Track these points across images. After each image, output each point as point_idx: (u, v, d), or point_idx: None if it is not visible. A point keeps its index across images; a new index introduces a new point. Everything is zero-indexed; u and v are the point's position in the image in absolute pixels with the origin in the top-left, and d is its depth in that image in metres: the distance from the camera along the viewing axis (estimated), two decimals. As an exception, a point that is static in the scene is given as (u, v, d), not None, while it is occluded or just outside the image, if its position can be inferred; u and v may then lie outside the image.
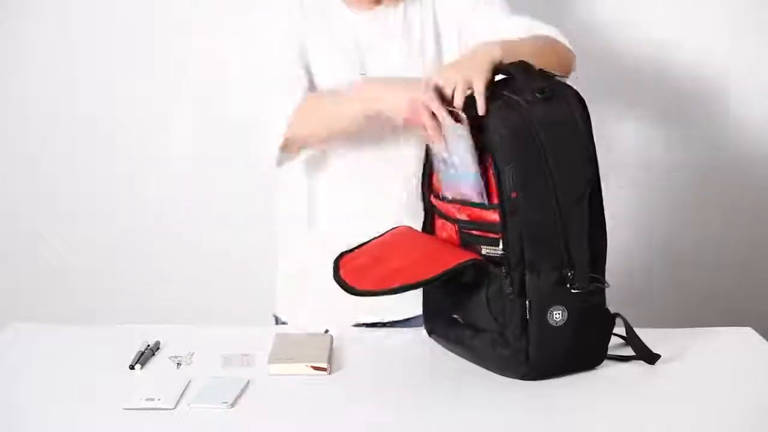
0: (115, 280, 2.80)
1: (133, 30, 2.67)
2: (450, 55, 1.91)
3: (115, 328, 1.88)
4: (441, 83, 1.65)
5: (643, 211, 2.69)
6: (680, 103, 2.66)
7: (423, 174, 1.77)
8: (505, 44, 1.73)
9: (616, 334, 1.70)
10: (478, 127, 1.61)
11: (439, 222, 1.76)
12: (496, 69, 1.69)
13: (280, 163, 1.87)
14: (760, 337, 1.81)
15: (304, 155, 1.90)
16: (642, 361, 1.69)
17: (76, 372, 1.69)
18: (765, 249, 2.78)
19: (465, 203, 1.66)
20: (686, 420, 1.52)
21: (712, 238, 2.75)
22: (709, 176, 2.71)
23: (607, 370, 1.67)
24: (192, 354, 1.74)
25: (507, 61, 1.69)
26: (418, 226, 1.80)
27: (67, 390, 1.62)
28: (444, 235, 1.74)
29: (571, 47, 1.88)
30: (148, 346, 1.75)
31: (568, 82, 1.73)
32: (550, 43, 1.85)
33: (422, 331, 1.85)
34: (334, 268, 1.69)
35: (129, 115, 2.72)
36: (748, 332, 1.83)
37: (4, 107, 2.73)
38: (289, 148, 1.85)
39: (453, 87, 1.64)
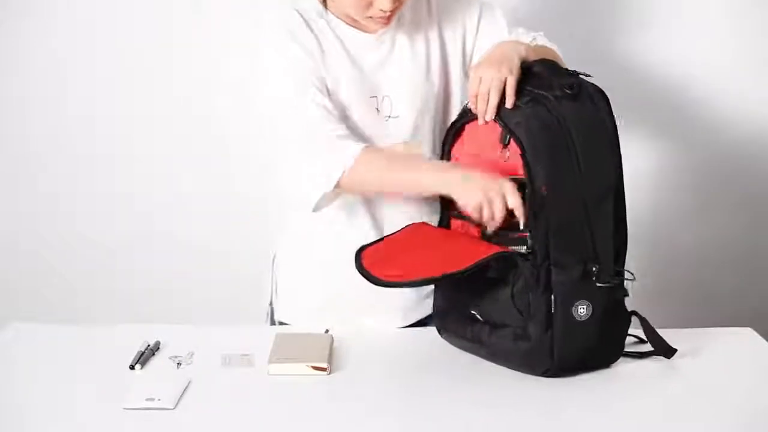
0: (115, 280, 2.80)
1: (134, 30, 2.66)
2: (456, 71, 1.91)
3: (115, 328, 1.88)
4: (479, 82, 1.66)
5: (642, 212, 2.69)
6: (680, 104, 2.66)
7: None
8: (526, 44, 1.77)
9: (629, 334, 1.71)
10: (506, 127, 1.62)
11: (457, 222, 1.75)
12: (523, 65, 1.70)
13: (318, 208, 1.82)
14: (760, 337, 1.81)
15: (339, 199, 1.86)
16: (644, 360, 1.70)
17: (76, 372, 1.69)
18: (765, 249, 2.78)
19: None
20: (686, 420, 1.52)
21: (712, 239, 2.75)
22: (709, 177, 2.71)
23: (622, 367, 1.68)
24: (192, 354, 1.74)
25: (531, 58, 1.71)
26: None
27: (67, 390, 1.62)
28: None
29: (561, 57, 1.89)
30: (148, 346, 1.75)
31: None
32: (553, 52, 1.87)
33: (422, 331, 1.85)
34: (356, 259, 1.68)
35: (129, 115, 2.72)
36: (748, 333, 1.83)
37: (4, 107, 2.73)
38: (332, 194, 1.81)
39: (489, 86, 1.64)
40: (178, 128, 2.71)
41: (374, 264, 1.66)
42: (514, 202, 1.61)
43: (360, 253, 1.70)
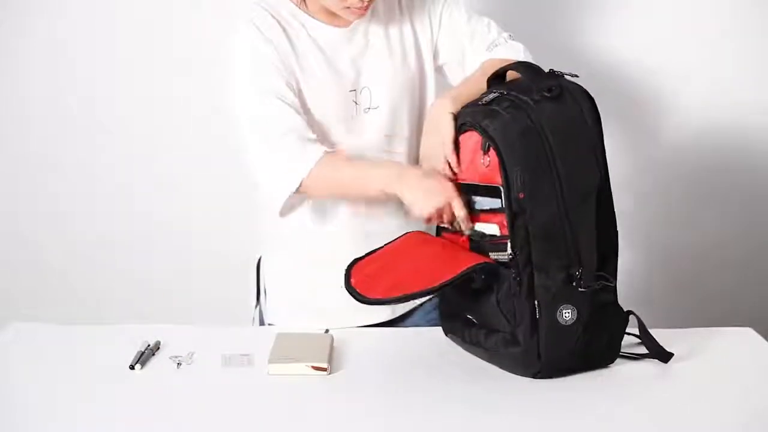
0: (115, 280, 2.80)
1: (134, 30, 2.67)
2: (429, 63, 1.95)
3: (115, 328, 1.88)
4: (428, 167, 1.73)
5: (642, 212, 2.69)
6: (680, 104, 2.66)
7: None
8: (455, 94, 1.79)
9: (629, 333, 1.70)
10: (485, 134, 1.62)
11: (444, 233, 1.76)
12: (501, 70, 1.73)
13: (284, 211, 1.86)
14: (760, 337, 1.81)
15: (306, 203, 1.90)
16: (647, 360, 1.69)
17: (76, 372, 1.69)
18: (765, 249, 2.78)
19: (479, 210, 1.67)
20: (686, 420, 1.52)
21: (712, 239, 2.75)
22: (708, 177, 2.71)
23: (620, 368, 1.68)
24: (192, 354, 1.74)
25: (459, 107, 1.74)
26: None
27: (67, 390, 1.62)
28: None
29: (527, 58, 1.89)
30: (148, 346, 1.75)
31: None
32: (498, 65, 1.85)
33: (423, 331, 1.85)
34: (345, 276, 1.69)
35: (129, 115, 2.72)
36: (748, 332, 1.83)
37: (4, 107, 2.73)
38: (297, 196, 1.85)
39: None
40: (178, 128, 2.71)
41: (362, 281, 1.67)
42: (461, 213, 1.68)
43: (350, 269, 1.71)
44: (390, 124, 1.91)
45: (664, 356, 1.69)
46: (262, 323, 2.04)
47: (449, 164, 1.72)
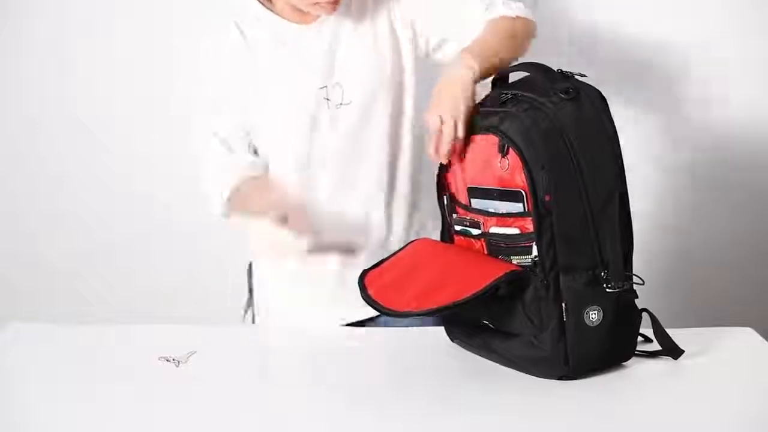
0: (115, 280, 2.80)
1: (133, 30, 2.67)
2: (408, 58, 1.92)
3: (115, 328, 1.88)
4: (431, 126, 1.67)
5: (642, 212, 2.69)
6: (679, 103, 2.66)
7: (438, 178, 1.75)
8: (480, 55, 1.74)
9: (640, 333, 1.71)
10: (505, 137, 1.61)
11: (457, 238, 1.73)
12: (500, 72, 1.73)
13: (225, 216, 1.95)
14: (761, 337, 1.81)
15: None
16: (647, 359, 1.69)
17: (76, 372, 1.69)
18: (765, 249, 2.78)
19: (494, 214, 1.65)
20: (686, 419, 1.52)
21: (712, 238, 2.75)
22: (708, 176, 2.71)
23: (623, 367, 1.67)
24: (192, 354, 1.74)
25: (484, 68, 1.72)
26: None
27: (67, 390, 1.62)
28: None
29: (528, 15, 1.88)
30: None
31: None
32: (509, 27, 1.84)
33: (424, 331, 1.85)
34: (360, 287, 1.68)
35: (129, 115, 2.72)
36: (748, 332, 1.83)
37: (4, 107, 2.73)
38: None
39: (440, 130, 1.66)
40: (178, 127, 2.71)
41: (381, 291, 1.66)
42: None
43: (363, 278, 1.70)
44: (363, 120, 1.90)
45: (676, 353, 1.69)
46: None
47: (456, 127, 1.66)
